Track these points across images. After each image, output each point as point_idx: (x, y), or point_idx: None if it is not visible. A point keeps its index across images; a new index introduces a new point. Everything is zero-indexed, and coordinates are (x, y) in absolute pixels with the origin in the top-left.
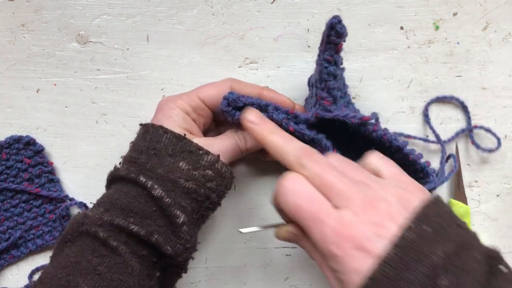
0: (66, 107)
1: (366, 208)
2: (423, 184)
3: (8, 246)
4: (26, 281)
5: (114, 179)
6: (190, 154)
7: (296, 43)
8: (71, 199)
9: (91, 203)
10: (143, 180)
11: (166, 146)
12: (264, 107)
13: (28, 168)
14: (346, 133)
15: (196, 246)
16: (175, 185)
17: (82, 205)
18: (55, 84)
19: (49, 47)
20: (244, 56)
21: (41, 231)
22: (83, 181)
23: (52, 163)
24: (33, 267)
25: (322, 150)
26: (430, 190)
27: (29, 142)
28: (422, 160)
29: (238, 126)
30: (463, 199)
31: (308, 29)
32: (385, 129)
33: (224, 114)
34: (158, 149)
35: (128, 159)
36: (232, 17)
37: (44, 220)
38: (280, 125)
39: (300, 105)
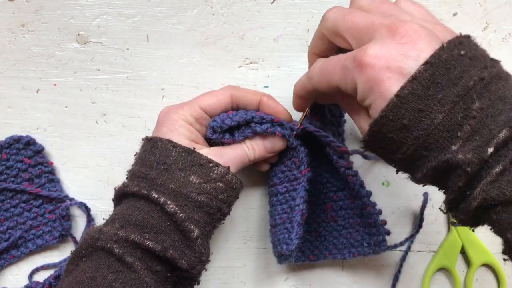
0: (66, 107)
1: (393, 34)
2: (371, 242)
3: (8, 246)
4: (26, 281)
5: (124, 195)
6: (200, 167)
7: (296, 43)
8: (71, 199)
9: (91, 203)
10: (156, 196)
11: (176, 160)
12: (249, 120)
13: (28, 168)
14: (323, 155)
15: (209, 257)
16: (187, 200)
17: (82, 205)
18: (55, 84)
19: (49, 47)
20: (244, 56)
21: (41, 231)
22: (83, 181)
23: (52, 163)
24: (33, 267)
25: (298, 162)
26: (380, 250)
27: (29, 142)
28: (380, 217)
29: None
30: None
31: (308, 29)
32: (356, 172)
33: (213, 140)
34: (168, 164)
35: (137, 174)
36: (232, 17)
37: (44, 220)
38: (265, 135)
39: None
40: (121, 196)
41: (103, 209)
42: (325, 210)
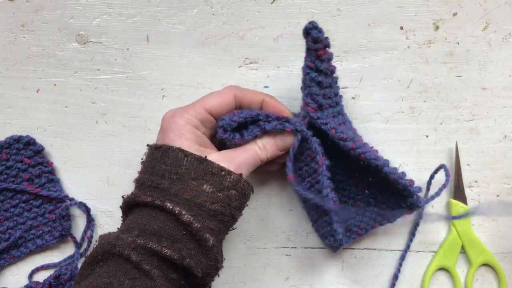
0: (66, 107)
1: None
2: (408, 203)
3: (8, 246)
4: (26, 281)
5: (135, 204)
6: (213, 176)
7: (296, 43)
8: (71, 199)
9: (91, 203)
10: (170, 207)
11: (188, 169)
12: (255, 117)
13: (28, 168)
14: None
15: (222, 263)
16: (201, 209)
17: (82, 205)
18: (55, 84)
19: (49, 47)
20: (244, 56)
21: (41, 231)
22: (83, 181)
23: (52, 163)
24: (33, 267)
25: (312, 153)
26: (419, 207)
27: (29, 142)
28: (406, 178)
29: (237, 146)
30: (463, 199)
31: None
32: (366, 146)
33: (224, 141)
34: (181, 174)
35: (148, 184)
36: (232, 17)
37: (44, 220)
38: (274, 134)
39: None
40: (131, 205)
41: (103, 209)
42: (354, 183)
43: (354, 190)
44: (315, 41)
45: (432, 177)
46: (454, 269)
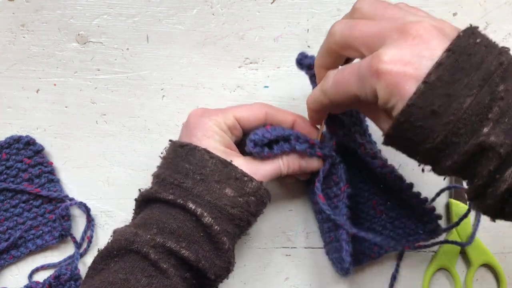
0: (66, 107)
1: (405, 36)
2: (426, 230)
3: (8, 246)
4: (26, 281)
5: (153, 199)
6: (236, 180)
7: (296, 43)
8: (71, 199)
9: (91, 203)
10: (193, 207)
11: (212, 172)
12: (287, 137)
13: (28, 168)
14: (357, 161)
15: (234, 267)
16: (221, 212)
17: (82, 205)
18: (55, 84)
19: (49, 47)
20: (244, 56)
21: (41, 231)
22: (83, 181)
23: (52, 163)
24: (33, 267)
25: (337, 178)
26: (437, 235)
27: (29, 142)
28: (427, 205)
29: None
30: (463, 199)
31: (308, 29)
32: (393, 168)
33: (253, 154)
34: (205, 175)
35: (169, 181)
36: (232, 17)
37: (44, 220)
38: (300, 153)
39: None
40: (149, 200)
41: (103, 209)
42: (372, 206)
43: (372, 213)
44: (310, 67)
45: (434, 199)
46: (454, 269)
